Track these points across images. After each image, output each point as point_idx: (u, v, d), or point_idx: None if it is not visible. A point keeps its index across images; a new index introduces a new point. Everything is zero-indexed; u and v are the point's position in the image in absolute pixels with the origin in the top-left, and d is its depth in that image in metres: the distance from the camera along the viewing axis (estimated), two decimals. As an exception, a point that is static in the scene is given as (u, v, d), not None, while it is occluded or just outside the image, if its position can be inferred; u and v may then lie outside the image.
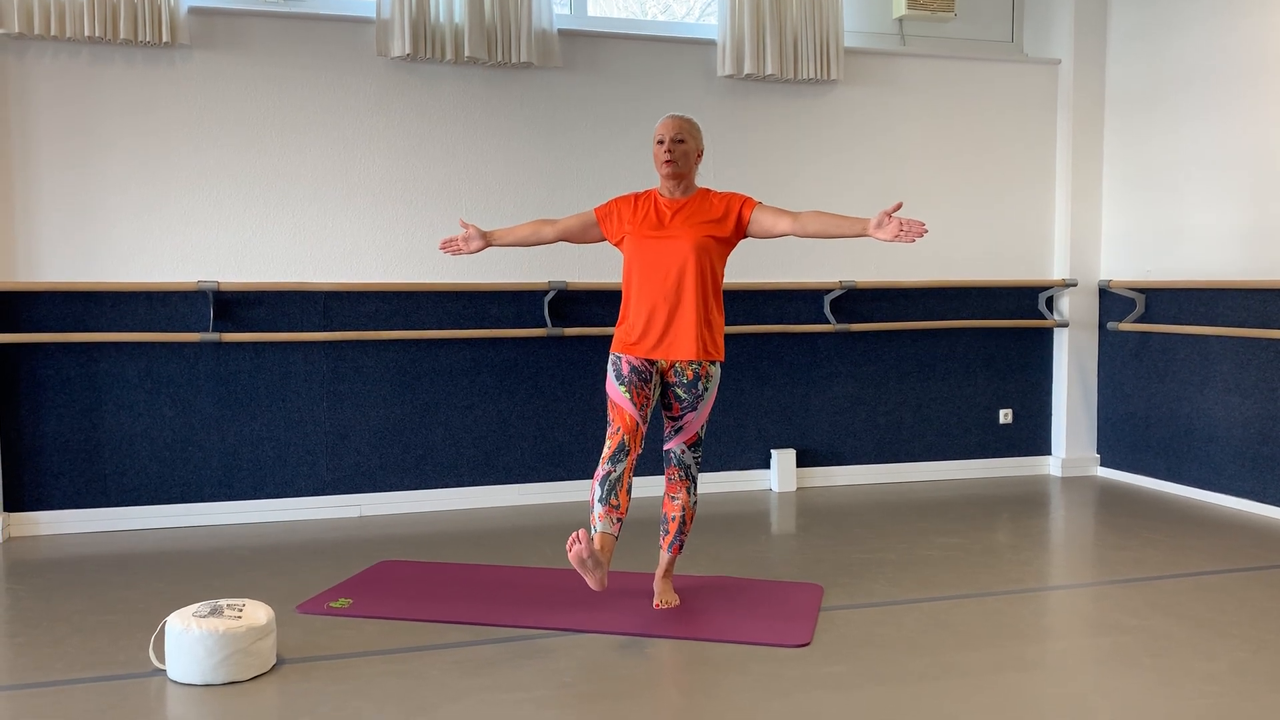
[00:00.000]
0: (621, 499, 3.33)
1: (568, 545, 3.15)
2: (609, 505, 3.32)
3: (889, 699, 2.81)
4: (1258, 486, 5.02)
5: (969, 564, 4.12)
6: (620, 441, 3.36)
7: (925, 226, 3.15)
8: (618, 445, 3.36)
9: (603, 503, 3.32)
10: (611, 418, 3.41)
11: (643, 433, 3.40)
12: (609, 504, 3.32)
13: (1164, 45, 5.50)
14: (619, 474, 3.33)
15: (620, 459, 3.34)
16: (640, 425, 3.39)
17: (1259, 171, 4.99)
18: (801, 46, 5.40)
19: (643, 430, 3.40)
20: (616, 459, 3.34)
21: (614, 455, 3.34)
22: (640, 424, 3.39)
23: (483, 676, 2.97)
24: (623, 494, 3.34)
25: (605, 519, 3.32)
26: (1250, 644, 3.20)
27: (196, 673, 2.89)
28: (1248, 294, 5.05)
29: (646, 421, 3.42)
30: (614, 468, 3.34)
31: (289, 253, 4.93)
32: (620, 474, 3.34)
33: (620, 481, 3.33)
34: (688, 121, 3.48)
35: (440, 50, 4.95)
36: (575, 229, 3.64)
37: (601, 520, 3.32)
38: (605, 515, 3.32)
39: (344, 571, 4.05)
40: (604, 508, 3.32)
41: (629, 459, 3.36)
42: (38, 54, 4.60)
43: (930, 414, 5.86)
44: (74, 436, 4.72)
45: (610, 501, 3.32)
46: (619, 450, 3.35)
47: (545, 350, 5.27)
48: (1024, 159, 5.94)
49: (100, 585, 3.88)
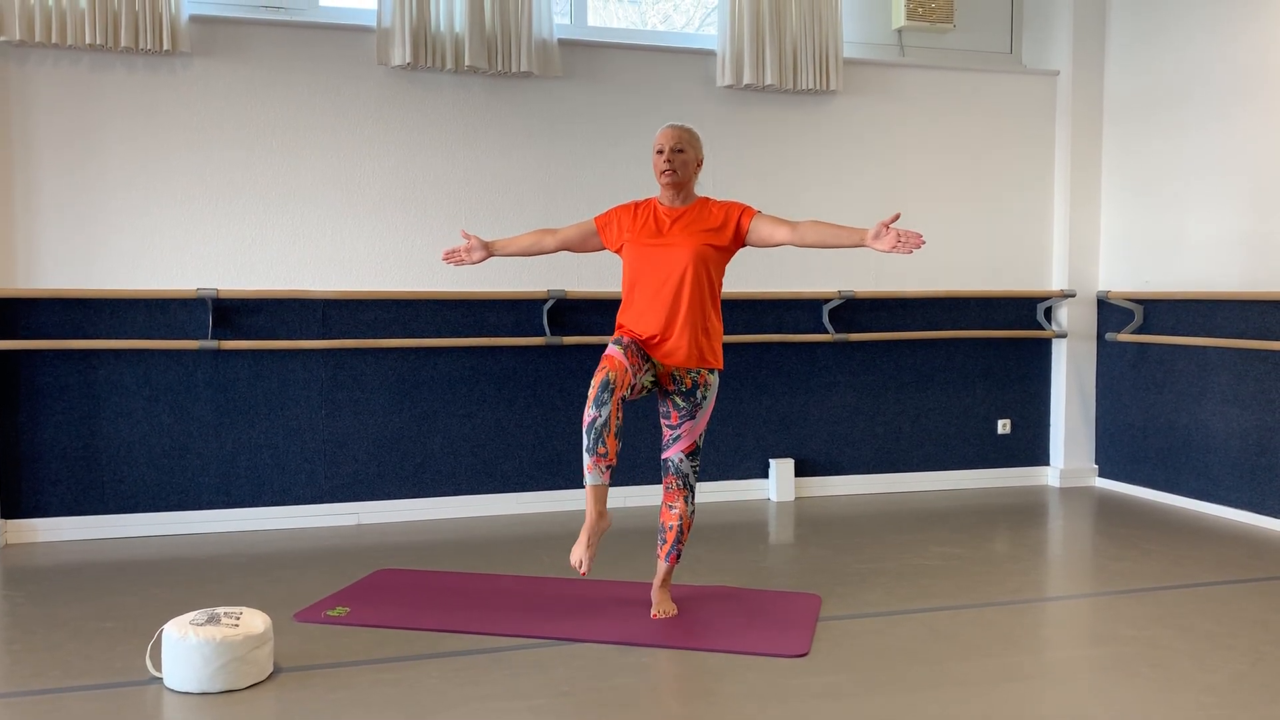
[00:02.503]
0: (609, 444, 3.22)
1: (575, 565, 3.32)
2: (597, 455, 3.23)
3: (887, 709, 2.80)
4: (1255, 498, 5.02)
5: (967, 574, 4.12)
6: (604, 379, 3.23)
7: (923, 238, 3.16)
8: (601, 382, 3.23)
9: (590, 452, 3.23)
10: (599, 366, 3.31)
11: (629, 381, 3.27)
12: (596, 453, 3.22)
13: (1162, 56, 5.52)
14: (605, 419, 3.21)
15: (604, 400, 3.21)
16: (628, 371, 3.27)
17: (1258, 182, 5.00)
18: (801, 57, 5.41)
19: (629, 378, 3.27)
20: (600, 400, 3.21)
21: (597, 396, 3.22)
22: (628, 370, 3.27)
23: (480, 685, 2.97)
24: (610, 439, 3.22)
25: (594, 470, 3.24)
26: (1248, 655, 3.20)
27: (193, 681, 2.88)
28: (1246, 305, 5.06)
29: (635, 377, 3.31)
30: (599, 412, 3.21)
31: (288, 260, 4.94)
32: (606, 418, 3.21)
33: (607, 426, 3.21)
34: (687, 131, 3.49)
35: (441, 59, 4.96)
36: (575, 238, 3.65)
37: (591, 472, 3.25)
38: (594, 466, 3.24)
39: (341, 580, 4.05)
40: (592, 458, 3.24)
41: (613, 399, 3.22)
42: (39, 61, 4.61)
43: (928, 424, 5.86)
44: (72, 443, 4.72)
45: (598, 450, 3.22)
46: (603, 388, 3.22)
47: (544, 359, 5.27)
48: (1022, 170, 5.95)
49: (97, 592, 3.87)
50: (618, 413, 3.25)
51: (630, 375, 3.28)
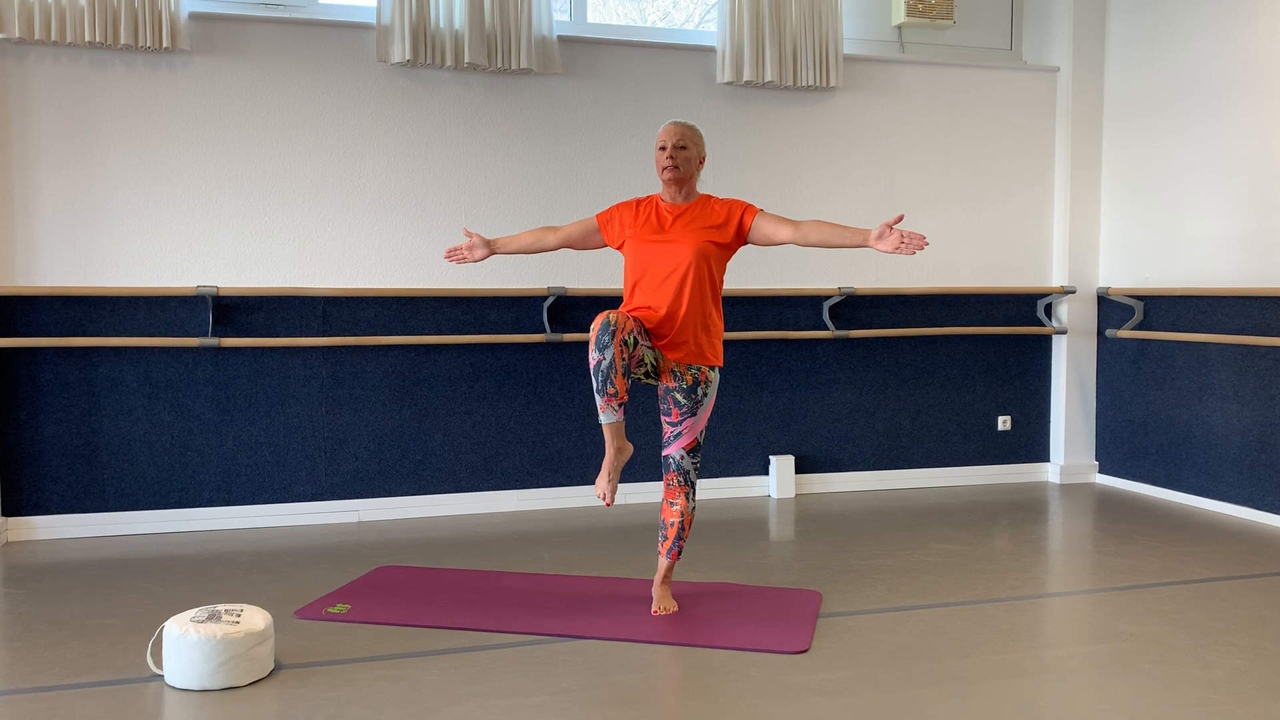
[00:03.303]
0: (618, 384, 3.25)
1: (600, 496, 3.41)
2: (607, 395, 3.27)
3: (887, 705, 2.81)
4: (1256, 494, 5.03)
5: (967, 570, 4.12)
6: (604, 321, 3.22)
7: (926, 239, 3.15)
8: (601, 324, 3.23)
9: (600, 394, 3.28)
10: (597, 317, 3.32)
11: (632, 327, 3.27)
12: (606, 394, 3.27)
13: (1163, 53, 5.51)
14: (609, 361, 3.22)
15: (605, 342, 3.22)
16: (629, 319, 3.27)
17: (1258, 179, 5.00)
18: (801, 53, 5.41)
19: (630, 324, 3.27)
20: (602, 343, 3.22)
21: (599, 339, 3.22)
22: (629, 318, 3.27)
23: (480, 682, 2.97)
24: (617, 379, 3.25)
25: (607, 409, 3.29)
26: (1248, 652, 3.20)
27: (194, 678, 2.88)
28: (1246, 301, 5.06)
29: (640, 334, 3.33)
30: (602, 355, 3.22)
31: (288, 258, 4.94)
32: (611, 360, 3.22)
33: (613, 367, 3.23)
34: (690, 128, 3.49)
35: (440, 56, 4.96)
36: (577, 235, 3.66)
37: (604, 411, 3.30)
38: (606, 405, 3.29)
39: (342, 577, 4.05)
40: (603, 399, 3.28)
41: (615, 340, 3.22)
42: (38, 59, 4.61)
43: (929, 420, 5.86)
44: (72, 441, 4.72)
45: (607, 391, 3.26)
46: (603, 330, 3.22)
47: (544, 356, 5.28)
48: (1023, 166, 5.95)
49: (98, 590, 3.88)
50: (621, 353, 3.25)
51: (631, 323, 3.29)
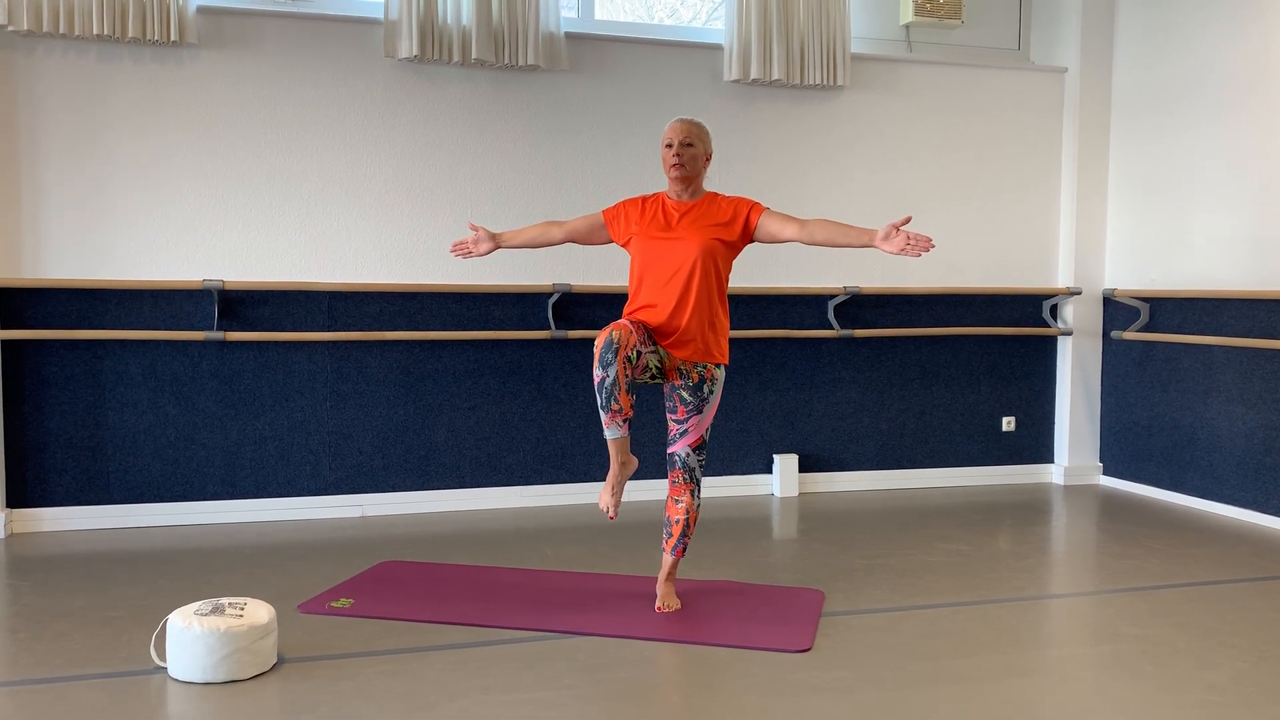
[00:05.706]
0: (622, 401, 3.28)
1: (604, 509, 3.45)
2: (611, 412, 3.30)
3: (889, 704, 2.81)
4: (1260, 497, 5.02)
5: (970, 571, 4.12)
6: (608, 338, 3.24)
7: (932, 241, 3.15)
8: (605, 342, 3.24)
9: (604, 410, 3.31)
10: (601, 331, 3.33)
11: (635, 342, 3.27)
12: (610, 410, 3.30)
13: (1171, 53, 5.50)
14: (613, 378, 3.24)
15: (609, 360, 3.24)
16: (633, 334, 3.28)
17: (1265, 180, 4.99)
18: (808, 52, 5.40)
19: (634, 340, 3.27)
20: (605, 361, 3.24)
21: (602, 356, 3.25)
22: (633, 333, 3.28)
23: (483, 678, 2.97)
24: (621, 396, 3.27)
25: (611, 424, 3.32)
26: (1251, 654, 3.20)
27: (197, 670, 2.89)
28: (1253, 304, 5.05)
29: (642, 344, 3.32)
30: (606, 372, 3.25)
31: (294, 252, 4.94)
32: (614, 377, 3.24)
33: (617, 385, 3.25)
34: (697, 125, 3.48)
35: (448, 52, 4.96)
36: (583, 231, 3.65)
37: (609, 427, 3.33)
38: (610, 421, 3.32)
39: (345, 571, 4.06)
40: (607, 415, 3.31)
41: (619, 358, 3.24)
42: (46, 51, 4.62)
43: (933, 421, 5.86)
44: (77, 433, 4.73)
45: (611, 407, 3.29)
46: (606, 348, 3.24)
47: (548, 352, 5.28)
48: (1029, 166, 5.94)
49: (102, 582, 3.88)
50: (625, 369, 3.26)
51: (635, 338, 3.29)
